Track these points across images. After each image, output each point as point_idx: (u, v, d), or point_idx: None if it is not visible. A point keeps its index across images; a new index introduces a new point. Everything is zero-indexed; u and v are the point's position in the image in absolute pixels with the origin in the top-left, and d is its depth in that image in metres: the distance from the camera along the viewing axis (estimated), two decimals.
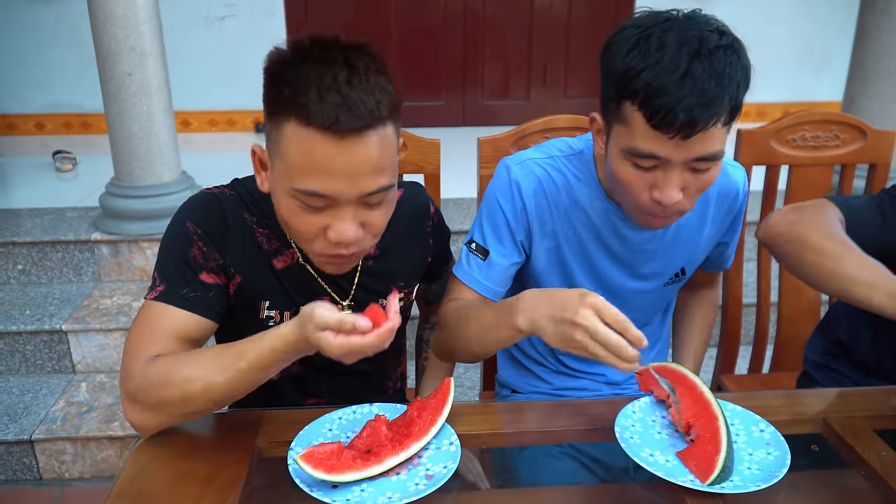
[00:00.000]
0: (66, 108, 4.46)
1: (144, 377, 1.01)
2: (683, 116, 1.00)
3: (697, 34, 1.02)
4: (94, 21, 2.66)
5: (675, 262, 1.34)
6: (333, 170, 0.94)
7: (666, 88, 1.00)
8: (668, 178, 1.08)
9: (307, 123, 0.93)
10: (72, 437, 2.30)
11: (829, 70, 4.62)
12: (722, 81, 1.01)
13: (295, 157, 0.95)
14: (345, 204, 0.98)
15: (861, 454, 1.03)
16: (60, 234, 2.87)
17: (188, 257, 1.08)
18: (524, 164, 1.28)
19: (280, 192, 1.00)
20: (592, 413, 1.13)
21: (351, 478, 0.92)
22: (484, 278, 1.29)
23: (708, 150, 1.06)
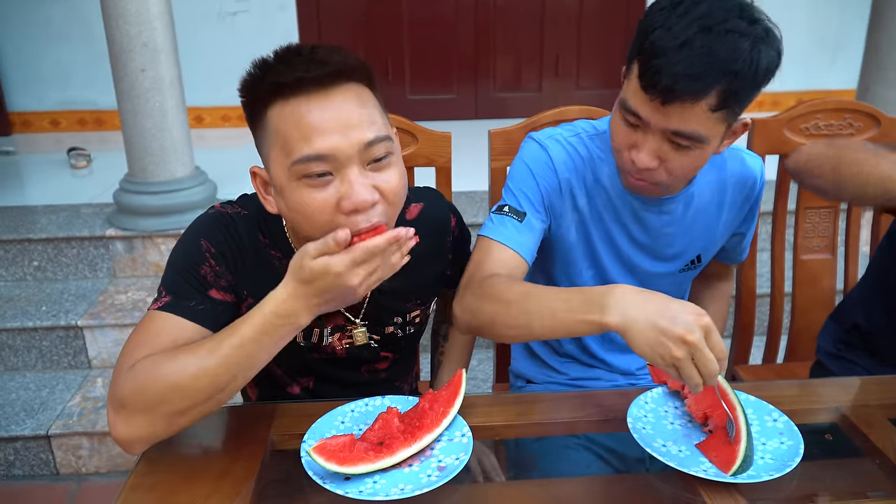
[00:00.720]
0: (80, 105, 4.49)
1: (131, 377, 0.95)
2: (666, 81, 1.02)
3: (722, 14, 1.02)
4: (106, 18, 2.67)
5: (693, 248, 1.35)
6: (322, 128, 0.93)
7: (664, 51, 1.02)
8: (645, 140, 1.11)
9: (286, 98, 0.94)
10: (88, 432, 2.33)
11: (843, 58, 4.57)
12: (716, 62, 1.01)
13: (285, 131, 0.95)
14: (348, 164, 0.94)
15: (875, 443, 1.03)
16: (75, 230, 2.89)
17: (198, 274, 1.05)
18: (553, 138, 1.29)
19: (286, 187, 0.97)
20: (605, 404, 1.13)
21: (363, 469, 0.93)
22: (524, 238, 1.24)
23: (686, 126, 1.06)
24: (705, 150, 1.11)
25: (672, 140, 1.09)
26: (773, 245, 1.78)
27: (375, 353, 1.24)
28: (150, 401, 0.94)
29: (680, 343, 0.91)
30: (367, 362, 1.25)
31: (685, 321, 0.92)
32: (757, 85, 1.06)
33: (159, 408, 0.95)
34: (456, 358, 1.43)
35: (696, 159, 1.12)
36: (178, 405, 0.95)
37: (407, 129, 1.53)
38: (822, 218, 1.76)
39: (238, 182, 1.22)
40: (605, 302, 0.98)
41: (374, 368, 1.26)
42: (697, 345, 0.91)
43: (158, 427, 0.97)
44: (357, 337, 1.19)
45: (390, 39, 4.45)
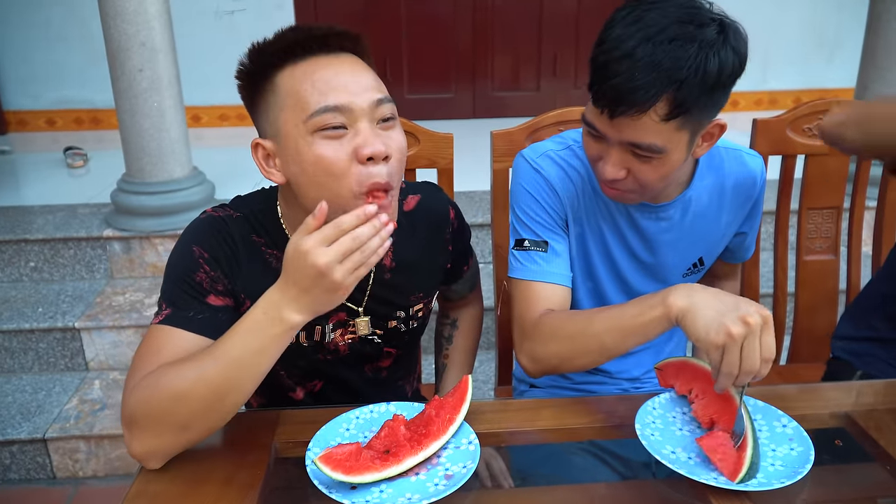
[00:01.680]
0: (77, 104, 4.46)
1: (137, 392, 0.95)
2: (610, 94, 1.03)
3: (666, 22, 1.01)
4: (104, 17, 2.65)
5: (693, 252, 1.33)
6: (338, 85, 0.98)
7: (607, 63, 1.03)
8: (609, 152, 1.11)
9: (297, 60, 1.00)
10: (85, 435, 2.31)
11: (841, 56, 4.57)
12: (659, 72, 0.99)
13: (298, 90, 0.99)
14: (361, 118, 0.99)
15: (885, 448, 1.02)
16: (72, 230, 2.87)
17: (194, 281, 1.05)
18: (545, 156, 1.28)
19: (296, 142, 0.99)
20: (612, 410, 1.12)
21: (370, 479, 0.92)
22: (556, 268, 1.24)
23: (640, 138, 1.05)
24: (668, 158, 1.08)
25: (633, 151, 1.08)
26: (776, 246, 1.78)
27: (379, 349, 1.23)
28: (154, 414, 0.94)
29: (740, 322, 0.94)
30: (371, 359, 1.24)
31: (748, 308, 0.96)
32: (711, 88, 1.02)
33: (164, 420, 0.95)
34: (460, 362, 1.42)
35: (660, 168, 1.10)
36: (180, 416, 0.94)
37: (408, 130, 1.52)
38: (824, 218, 1.75)
39: (236, 181, 1.22)
40: (668, 293, 1.04)
41: (377, 367, 1.26)
42: (754, 328, 0.94)
43: (167, 440, 0.96)
44: (360, 326, 1.18)
45: (388, 38, 4.44)
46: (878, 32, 3.04)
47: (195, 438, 0.98)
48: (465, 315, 1.44)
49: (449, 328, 1.43)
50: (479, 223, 2.90)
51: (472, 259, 1.39)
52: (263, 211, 1.13)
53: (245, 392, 0.96)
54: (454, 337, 1.42)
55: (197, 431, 0.97)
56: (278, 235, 1.12)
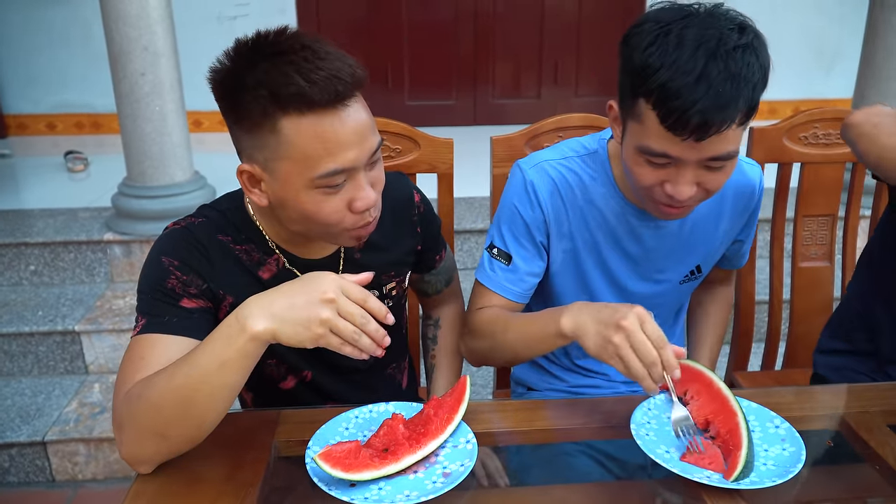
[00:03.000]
0: (77, 108, 4.48)
1: (125, 401, 0.97)
2: (697, 119, 0.99)
3: (716, 33, 1.00)
4: (106, 21, 2.67)
5: (691, 260, 1.35)
6: (345, 142, 0.98)
7: (681, 90, 0.99)
8: (680, 174, 1.08)
9: (306, 109, 0.95)
10: (85, 438, 2.31)
11: (839, 67, 4.60)
12: (738, 84, 1.00)
13: (306, 147, 0.97)
14: (358, 171, 1.02)
15: (875, 449, 1.04)
16: (73, 234, 2.88)
17: (166, 288, 1.06)
18: (538, 167, 1.28)
19: (296, 191, 1.01)
20: (608, 410, 1.14)
21: (369, 476, 0.93)
22: (510, 283, 1.30)
23: (722, 150, 1.05)
24: (736, 159, 1.10)
25: (707, 165, 1.07)
26: (772, 252, 1.79)
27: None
28: (134, 422, 0.96)
29: (615, 329, 1.00)
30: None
31: (622, 312, 1.01)
32: (766, 83, 1.05)
33: (143, 428, 0.95)
34: (448, 361, 1.43)
35: (729, 170, 1.11)
36: (156, 424, 0.95)
37: (409, 135, 1.54)
38: (819, 226, 1.77)
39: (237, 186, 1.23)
40: (560, 314, 1.11)
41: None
42: (631, 327, 0.99)
43: (149, 448, 0.97)
44: None
45: (390, 45, 4.46)
46: (876, 43, 3.06)
47: (176, 447, 0.98)
48: (447, 313, 1.45)
49: (432, 329, 1.45)
50: (479, 229, 2.92)
51: (446, 251, 1.41)
52: (230, 210, 1.15)
53: (215, 401, 0.95)
54: (438, 337, 1.43)
55: (176, 440, 0.97)
56: (250, 230, 1.14)
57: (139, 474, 0.99)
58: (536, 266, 1.31)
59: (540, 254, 1.30)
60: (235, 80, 0.98)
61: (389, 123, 1.52)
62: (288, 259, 1.16)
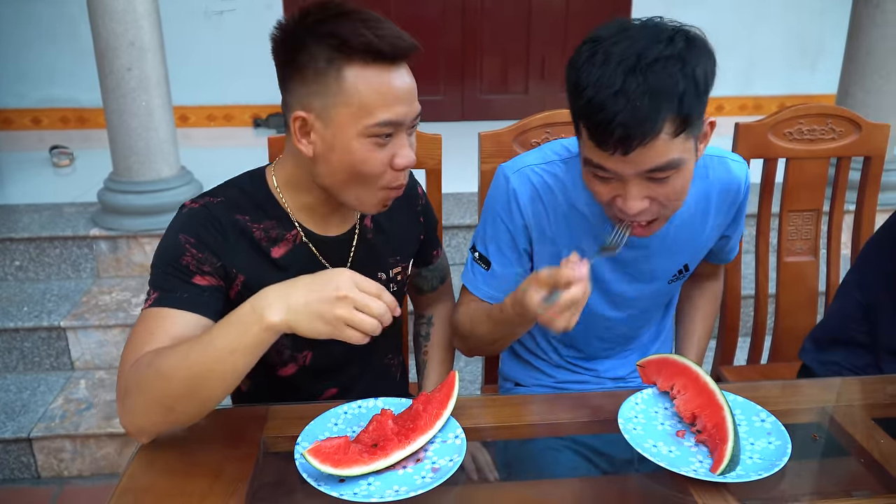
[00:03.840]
0: (63, 102, 4.44)
1: (133, 370, 0.99)
2: (619, 132, 1.01)
3: (640, 47, 1.01)
4: (92, 16, 2.65)
5: (679, 259, 1.35)
6: (399, 97, 1.06)
7: (603, 105, 1.01)
8: (627, 189, 1.09)
9: (371, 60, 1.03)
10: (71, 434, 2.30)
11: (823, 63, 4.63)
12: (657, 97, 1.00)
13: (365, 95, 1.04)
14: (403, 130, 1.09)
15: (860, 442, 1.05)
16: (58, 229, 2.86)
17: (180, 264, 1.09)
18: (520, 172, 1.29)
19: (349, 138, 1.05)
20: (596, 405, 1.14)
21: (358, 472, 0.93)
22: (489, 287, 1.33)
23: (658, 161, 1.05)
24: (686, 169, 1.09)
25: (652, 177, 1.08)
26: (758, 247, 1.81)
27: None
28: (142, 391, 0.97)
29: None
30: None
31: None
32: (702, 94, 1.05)
33: (150, 398, 0.97)
34: (439, 357, 1.44)
35: (681, 182, 1.10)
36: (164, 396, 0.97)
37: None
38: (804, 221, 1.78)
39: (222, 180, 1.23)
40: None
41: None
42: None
43: (153, 418, 1.00)
44: None
45: None
46: (859, 39, 3.09)
47: (180, 420, 1.01)
48: (439, 311, 1.46)
49: (425, 326, 1.46)
50: (467, 224, 2.92)
51: (441, 252, 1.45)
52: (250, 186, 1.18)
53: (225, 383, 0.97)
54: (431, 334, 1.44)
55: (181, 413, 0.99)
56: (272, 208, 1.17)
57: (127, 468, 0.99)
58: (515, 273, 1.33)
59: (521, 260, 1.32)
60: (304, 31, 1.06)
61: None
62: (305, 234, 1.19)
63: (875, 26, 3.02)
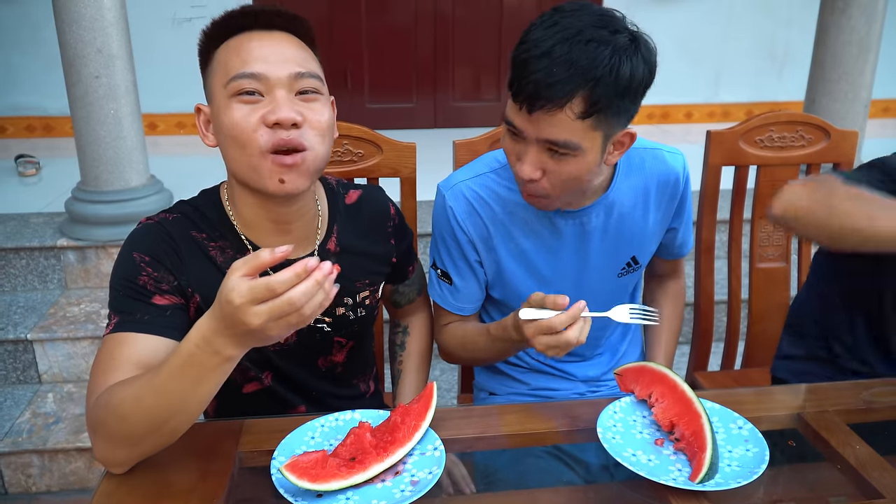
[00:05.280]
0: (29, 110, 4.36)
1: (97, 406, 0.96)
2: (529, 89, 1.06)
3: (583, 25, 1.06)
4: (59, 23, 2.61)
5: (625, 253, 1.37)
6: (260, 53, 1.05)
7: (527, 62, 1.07)
8: (525, 151, 1.14)
9: (234, 34, 1.07)
10: (39, 449, 2.25)
11: (790, 70, 4.71)
12: (576, 69, 1.04)
13: (227, 60, 1.06)
14: (277, 87, 1.05)
15: (836, 448, 1.05)
16: (24, 240, 2.80)
17: (137, 284, 1.06)
18: (454, 189, 1.32)
19: (221, 108, 1.06)
20: (575, 414, 1.14)
21: (336, 486, 0.92)
22: (457, 301, 1.38)
23: (556, 135, 1.09)
24: (583, 159, 1.12)
25: (550, 149, 1.12)
26: (730, 254, 1.83)
27: (329, 339, 1.24)
28: (107, 430, 0.95)
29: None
30: (323, 352, 1.25)
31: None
32: (623, 92, 1.07)
33: (115, 436, 0.94)
34: (415, 367, 1.43)
35: (575, 169, 1.13)
36: (127, 434, 0.93)
37: (371, 139, 1.53)
38: (775, 228, 1.80)
39: (194, 190, 1.21)
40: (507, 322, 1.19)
41: (330, 361, 1.27)
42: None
43: (123, 453, 0.97)
44: None
45: (349, 47, 4.44)
46: (826, 46, 3.14)
47: (150, 451, 0.97)
48: (416, 321, 1.46)
49: (401, 335, 1.45)
50: None
51: (417, 263, 1.44)
52: (206, 205, 1.16)
53: (189, 415, 0.93)
54: (407, 343, 1.43)
55: (149, 446, 0.96)
56: (223, 226, 1.15)
57: (98, 487, 0.97)
58: (475, 282, 1.37)
59: (475, 272, 1.36)
60: (202, 38, 1.12)
61: (352, 128, 1.51)
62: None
63: (841, 33, 3.08)
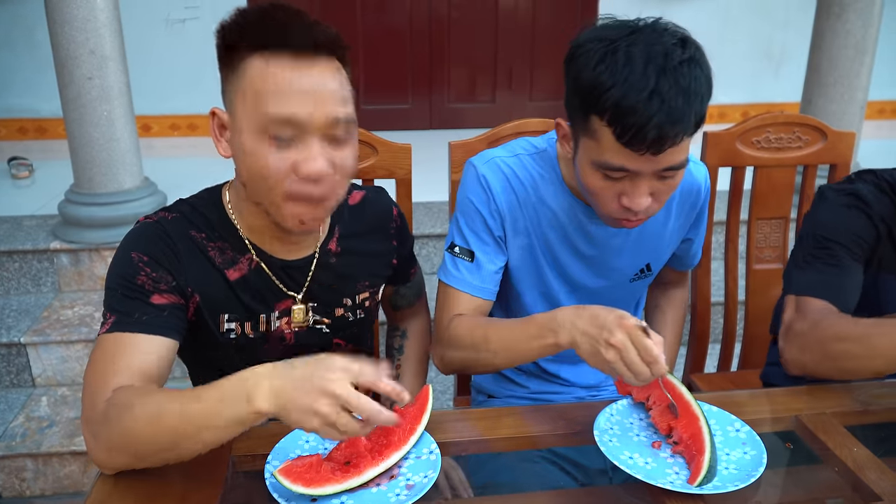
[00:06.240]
0: (21, 112, 4.34)
1: (103, 413, 0.94)
2: (654, 134, 1.01)
3: (662, 49, 1.02)
4: (51, 24, 2.60)
5: (641, 258, 1.36)
6: (299, 92, 0.97)
7: (635, 107, 1.00)
8: (636, 186, 1.10)
9: (265, 51, 0.97)
10: (32, 453, 2.24)
11: (786, 71, 4.71)
12: (689, 97, 1.02)
13: (259, 86, 0.98)
14: (312, 134, 0.99)
15: (833, 450, 1.05)
16: (17, 243, 2.79)
17: (135, 284, 1.05)
18: (491, 162, 1.29)
19: (246, 137, 1.00)
20: (571, 417, 1.13)
21: (330, 490, 0.91)
22: (477, 280, 1.29)
23: (676, 160, 1.08)
24: (685, 167, 1.12)
25: (661, 175, 1.09)
26: (727, 255, 1.82)
27: (327, 340, 1.23)
28: (112, 441, 0.93)
29: (607, 347, 0.99)
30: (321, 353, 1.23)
31: (609, 328, 1.00)
32: (711, 94, 1.08)
33: (119, 449, 0.94)
34: (412, 370, 1.42)
35: (678, 180, 1.13)
36: (134, 450, 0.93)
37: (366, 140, 1.52)
38: (772, 229, 1.80)
39: (188, 192, 1.20)
40: (554, 325, 1.08)
41: None
42: (622, 345, 0.98)
43: (120, 463, 0.96)
44: (295, 314, 1.18)
45: None
46: (822, 48, 3.14)
47: (149, 465, 0.96)
48: (414, 325, 1.45)
49: (399, 339, 1.44)
50: (438, 234, 2.91)
51: (417, 267, 1.43)
52: (206, 205, 1.14)
53: (197, 448, 0.92)
54: (405, 346, 1.42)
55: (151, 462, 0.95)
56: (224, 228, 1.13)
57: (91, 492, 0.95)
58: (499, 260, 1.31)
59: (500, 248, 1.31)
60: (223, 27, 1.01)
61: None
62: (261, 258, 1.15)
63: (837, 37, 3.08)
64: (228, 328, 1.14)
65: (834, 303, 1.24)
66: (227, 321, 1.14)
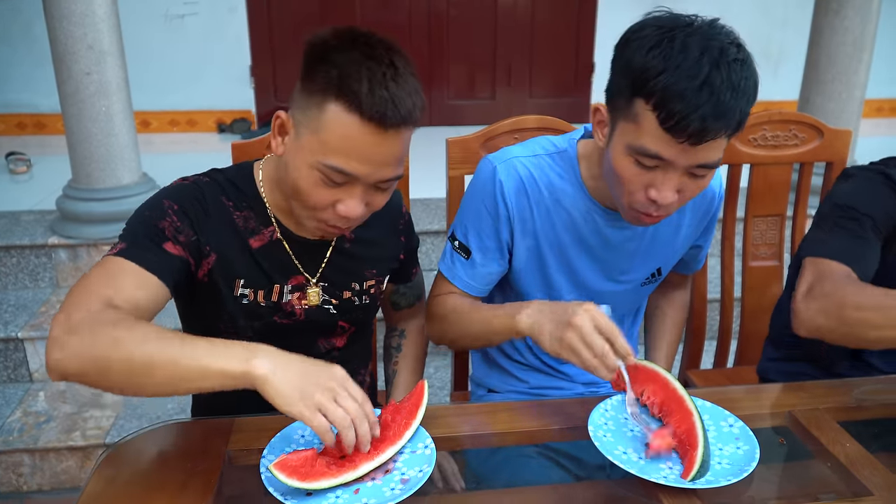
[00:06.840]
0: (19, 107, 4.34)
1: (86, 321, 0.95)
2: (697, 124, 1.00)
3: (718, 44, 1.02)
4: (49, 19, 2.59)
5: (653, 262, 1.36)
6: (369, 158, 1.03)
7: (684, 94, 1.00)
8: (667, 178, 1.08)
9: (355, 111, 1.00)
10: (30, 448, 2.24)
11: (785, 70, 4.72)
12: (737, 94, 1.01)
13: (334, 136, 1.02)
14: (361, 184, 1.05)
15: (826, 446, 1.05)
16: (15, 238, 2.79)
17: (157, 227, 1.09)
18: (508, 163, 1.28)
19: (301, 162, 1.05)
20: (566, 412, 1.14)
21: (325, 485, 0.91)
22: (468, 277, 1.32)
23: (711, 158, 1.07)
24: (714, 170, 1.11)
25: (692, 172, 1.08)
26: (723, 252, 1.82)
27: (333, 321, 1.27)
28: (93, 345, 0.94)
29: (567, 326, 1.04)
30: (325, 333, 1.28)
31: (572, 308, 1.05)
32: (756, 99, 1.07)
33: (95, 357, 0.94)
34: (410, 367, 1.42)
35: (707, 180, 1.12)
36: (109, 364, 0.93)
37: None
38: (769, 226, 1.80)
39: None
40: (518, 312, 1.15)
41: (330, 344, 1.29)
42: (580, 324, 1.02)
43: (84, 369, 0.95)
44: (311, 296, 1.23)
45: None
46: (820, 45, 3.14)
47: (105, 388, 0.97)
48: (412, 325, 1.46)
49: (397, 338, 1.45)
50: (435, 230, 2.91)
51: (419, 269, 1.44)
52: (237, 176, 1.20)
53: (174, 389, 0.94)
54: (403, 346, 1.43)
55: (113, 385, 0.96)
56: (252, 198, 1.19)
57: (87, 484, 0.96)
58: (495, 264, 1.32)
59: (501, 252, 1.31)
60: (325, 49, 1.04)
61: None
62: (282, 232, 1.20)
63: (834, 34, 3.08)
64: (242, 293, 1.18)
65: (856, 271, 1.24)
66: (242, 286, 1.18)
